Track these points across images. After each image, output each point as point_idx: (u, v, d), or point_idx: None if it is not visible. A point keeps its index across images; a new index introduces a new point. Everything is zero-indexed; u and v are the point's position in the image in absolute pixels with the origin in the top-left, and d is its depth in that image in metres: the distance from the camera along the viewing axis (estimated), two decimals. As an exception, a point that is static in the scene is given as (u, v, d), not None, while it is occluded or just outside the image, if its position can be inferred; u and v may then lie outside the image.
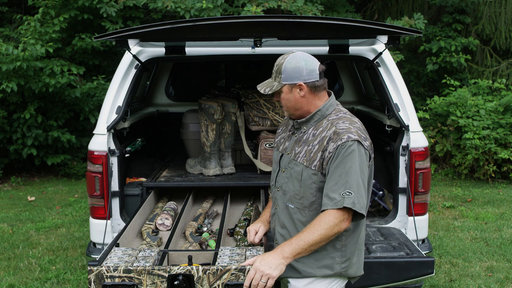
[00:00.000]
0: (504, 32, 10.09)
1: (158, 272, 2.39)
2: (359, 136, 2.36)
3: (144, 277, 2.39)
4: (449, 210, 6.84)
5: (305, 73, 2.45)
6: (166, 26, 3.11)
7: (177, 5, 7.75)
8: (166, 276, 2.38)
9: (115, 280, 2.38)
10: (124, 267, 2.39)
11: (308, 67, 2.46)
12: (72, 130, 9.11)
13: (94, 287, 2.40)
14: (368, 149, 2.38)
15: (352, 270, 2.48)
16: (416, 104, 9.21)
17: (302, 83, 2.45)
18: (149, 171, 4.37)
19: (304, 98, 2.47)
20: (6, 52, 7.72)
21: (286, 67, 2.46)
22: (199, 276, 2.37)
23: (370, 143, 2.42)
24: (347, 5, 9.64)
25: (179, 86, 5.93)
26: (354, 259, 2.48)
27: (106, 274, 2.39)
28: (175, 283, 2.37)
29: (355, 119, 2.49)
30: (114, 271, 2.39)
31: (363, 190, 2.32)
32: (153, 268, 2.39)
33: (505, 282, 4.60)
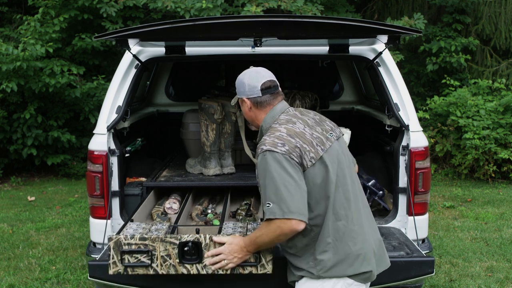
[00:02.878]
0: (504, 32, 10.09)
1: (170, 240, 2.72)
2: (271, 144, 2.45)
3: (157, 244, 2.72)
4: (449, 210, 6.84)
5: (247, 88, 2.66)
6: (166, 25, 3.11)
7: (177, 5, 7.74)
8: (177, 243, 2.72)
9: (132, 247, 2.73)
10: (139, 235, 2.74)
11: (250, 83, 2.66)
12: (72, 130, 9.11)
13: (113, 253, 2.74)
14: (285, 153, 2.42)
15: (336, 271, 2.48)
16: (416, 104, 9.21)
17: (245, 98, 2.68)
18: (149, 171, 4.37)
19: (251, 111, 2.69)
20: (6, 52, 7.72)
21: (236, 82, 2.72)
22: (206, 243, 2.71)
23: (290, 148, 2.44)
24: (347, 5, 9.64)
25: (179, 86, 5.93)
26: (330, 260, 2.48)
27: (124, 242, 2.72)
28: (185, 249, 2.71)
29: (282, 127, 2.54)
30: (131, 239, 2.72)
31: (286, 194, 2.37)
32: (166, 236, 2.73)
33: (505, 282, 4.60)
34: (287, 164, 2.42)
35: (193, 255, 2.73)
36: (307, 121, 2.62)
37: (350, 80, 5.73)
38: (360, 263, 2.51)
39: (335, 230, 2.50)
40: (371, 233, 2.62)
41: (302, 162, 2.46)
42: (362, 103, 5.52)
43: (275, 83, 2.70)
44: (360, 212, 2.59)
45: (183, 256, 2.73)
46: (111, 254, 2.74)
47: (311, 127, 2.58)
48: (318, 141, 2.53)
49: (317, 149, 2.50)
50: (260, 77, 2.66)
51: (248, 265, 2.73)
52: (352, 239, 2.51)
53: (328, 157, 2.52)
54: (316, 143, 2.52)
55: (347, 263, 2.49)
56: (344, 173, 2.57)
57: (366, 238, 2.56)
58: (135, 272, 2.78)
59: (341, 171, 2.55)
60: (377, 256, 2.61)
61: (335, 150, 2.58)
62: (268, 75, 2.70)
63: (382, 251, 2.68)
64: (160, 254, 2.76)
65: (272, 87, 2.67)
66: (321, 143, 2.54)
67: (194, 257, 2.74)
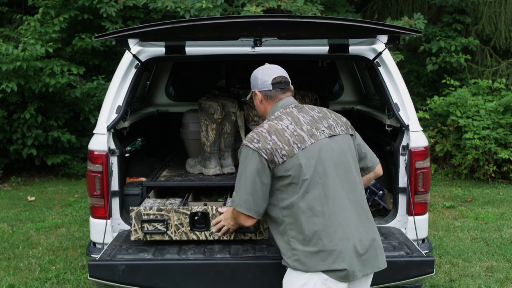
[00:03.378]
0: (504, 32, 10.09)
1: (182, 211, 3.23)
2: (249, 139, 2.67)
3: (172, 214, 3.22)
4: (449, 210, 6.84)
5: (259, 82, 2.85)
6: (166, 25, 3.11)
7: (177, 5, 7.74)
8: (189, 213, 3.22)
9: (150, 216, 3.21)
10: (157, 207, 3.25)
11: (262, 77, 2.85)
12: (72, 130, 9.11)
13: (134, 222, 3.22)
14: (256, 150, 2.60)
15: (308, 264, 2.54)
16: (416, 104, 9.21)
17: (257, 91, 2.87)
18: (149, 171, 4.37)
19: (262, 104, 2.88)
20: (6, 52, 7.72)
21: (251, 76, 2.92)
22: (213, 214, 3.21)
23: (262, 144, 2.61)
24: (347, 5, 9.64)
25: (179, 86, 5.92)
26: (303, 253, 2.55)
27: (144, 212, 3.22)
28: (195, 218, 3.21)
29: (267, 123, 2.71)
30: (150, 210, 3.22)
31: (243, 188, 2.64)
32: (179, 207, 3.25)
33: (505, 282, 4.60)
34: (255, 160, 2.61)
35: (202, 223, 3.23)
36: (300, 118, 2.71)
37: (350, 80, 5.73)
38: (333, 260, 2.53)
39: (310, 225, 2.56)
40: (358, 233, 2.61)
41: (273, 159, 2.60)
42: (362, 103, 5.53)
43: (286, 79, 2.86)
44: (343, 210, 2.60)
45: (194, 225, 3.22)
46: (133, 223, 3.21)
47: (297, 124, 2.68)
48: (297, 139, 2.62)
49: (292, 147, 2.60)
50: (272, 72, 2.85)
51: (248, 232, 3.21)
52: (327, 236, 2.55)
53: (304, 154, 2.60)
54: (293, 141, 2.61)
55: (319, 258, 2.54)
56: (327, 171, 2.61)
57: (346, 236, 2.57)
58: (153, 238, 3.24)
59: (323, 168, 2.61)
60: (364, 257, 2.60)
61: (317, 148, 2.63)
62: (280, 71, 2.87)
63: (374, 252, 2.65)
64: (174, 223, 3.24)
65: (282, 83, 2.83)
66: (300, 141, 2.62)
67: (203, 226, 3.23)
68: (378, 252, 2.68)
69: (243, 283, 3.02)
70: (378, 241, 2.70)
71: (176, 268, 3.05)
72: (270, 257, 3.08)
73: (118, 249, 3.25)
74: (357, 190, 2.71)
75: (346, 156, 2.72)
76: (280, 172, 2.61)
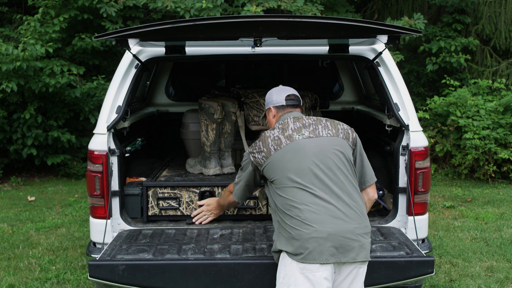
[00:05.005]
0: (504, 32, 10.09)
1: (192, 189, 3.79)
2: (249, 147, 3.15)
3: (183, 193, 3.78)
4: (449, 210, 6.84)
5: (274, 98, 3.24)
6: (166, 25, 3.11)
7: (177, 5, 7.74)
8: (198, 191, 3.79)
9: (165, 195, 3.77)
10: (170, 186, 3.78)
11: (277, 94, 3.24)
12: (72, 130, 9.11)
13: (151, 199, 3.77)
14: (251, 157, 3.08)
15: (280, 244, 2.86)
16: (416, 104, 9.21)
17: (271, 107, 3.24)
18: (149, 171, 4.37)
19: (274, 118, 3.24)
20: (6, 52, 7.72)
21: (266, 96, 3.33)
22: (219, 192, 3.78)
23: (252, 148, 3.08)
24: (347, 5, 9.64)
25: (179, 86, 5.92)
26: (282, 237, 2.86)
27: (159, 191, 3.77)
28: (203, 196, 3.79)
29: (263, 136, 3.06)
30: (164, 189, 3.78)
31: (241, 186, 3.25)
32: (189, 186, 3.79)
33: (505, 282, 4.60)
34: (246, 161, 3.15)
35: None
36: (289, 126, 3.03)
37: (350, 80, 5.73)
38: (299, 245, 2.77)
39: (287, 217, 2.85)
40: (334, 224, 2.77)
41: (258, 161, 3.04)
42: (362, 103, 5.52)
43: (298, 97, 3.23)
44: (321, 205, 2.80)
45: None
46: (150, 200, 3.76)
47: (282, 131, 3.02)
48: (275, 143, 2.98)
49: (270, 149, 2.98)
50: (286, 91, 3.24)
51: (249, 207, 3.78)
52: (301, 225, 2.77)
53: (278, 154, 2.94)
54: (272, 145, 2.98)
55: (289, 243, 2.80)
56: (301, 167, 2.87)
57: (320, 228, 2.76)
58: (167, 213, 3.78)
59: (297, 165, 2.88)
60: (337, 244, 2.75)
61: (291, 148, 2.93)
62: (292, 90, 3.26)
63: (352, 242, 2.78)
64: (185, 200, 3.78)
65: (294, 99, 3.21)
66: (277, 144, 2.97)
67: None
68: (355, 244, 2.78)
69: (243, 283, 3.03)
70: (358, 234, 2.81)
71: (176, 268, 3.05)
72: (270, 257, 3.08)
73: (118, 249, 3.25)
74: (340, 186, 2.86)
75: (327, 154, 2.92)
76: (267, 175, 3.00)
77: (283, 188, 2.88)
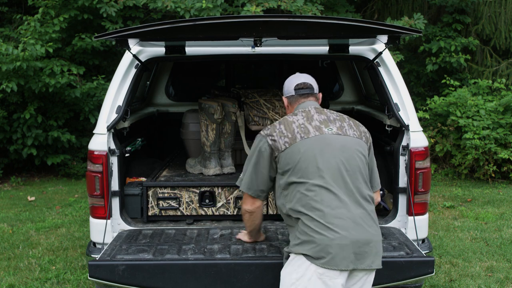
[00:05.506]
0: (504, 32, 10.09)
1: (192, 190, 3.78)
2: (263, 130, 2.95)
3: (183, 193, 3.77)
4: (449, 210, 6.84)
5: (285, 89, 3.13)
6: (166, 25, 3.11)
7: (177, 5, 7.74)
8: (198, 192, 3.79)
9: (165, 195, 3.77)
10: (170, 186, 3.78)
11: (288, 84, 3.12)
12: (72, 130, 9.10)
13: (151, 199, 3.76)
14: (264, 136, 2.89)
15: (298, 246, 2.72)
16: (416, 104, 9.20)
17: (284, 97, 3.15)
18: (149, 171, 4.37)
19: (288, 109, 3.13)
20: (6, 52, 7.72)
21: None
22: (219, 192, 3.79)
23: (270, 131, 2.88)
24: (347, 5, 9.63)
25: (179, 86, 5.93)
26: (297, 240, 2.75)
27: (159, 191, 3.77)
28: (203, 196, 3.78)
29: (285, 120, 2.91)
30: (164, 189, 3.77)
31: (248, 173, 2.95)
32: (189, 186, 3.78)
33: (505, 282, 4.60)
34: (261, 144, 2.89)
35: (209, 201, 3.78)
36: (314, 116, 2.90)
37: (350, 80, 5.73)
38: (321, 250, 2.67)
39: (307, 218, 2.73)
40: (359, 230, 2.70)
41: (276, 145, 2.84)
42: (362, 103, 5.52)
43: (308, 85, 3.07)
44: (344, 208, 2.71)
45: (202, 202, 3.77)
46: (150, 200, 3.75)
47: (308, 120, 2.88)
48: (302, 130, 2.83)
49: (295, 136, 2.82)
50: (296, 80, 3.10)
51: None
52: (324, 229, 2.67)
53: (305, 143, 2.79)
54: (298, 131, 2.83)
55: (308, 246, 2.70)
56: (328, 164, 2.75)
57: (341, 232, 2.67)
58: (167, 213, 3.77)
59: (323, 161, 2.76)
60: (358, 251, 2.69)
61: (319, 140, 2.80)
62: (305, 78, 3.10)
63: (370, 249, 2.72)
64: (185, 200, 3.78)
65: (303, 88, 3.05)
66: (304, 132, 2.83)
67: (210, 203, 3.78)
68: (372, 251, 2.73)
69: (243, 283, 3.03)
70: (375, 241, 2.75)
71: (176, 268, 3.05)
72: (270, 257, 3.09)
73: (118, 249, 3.25)
74: (362, 191, 2.78)
75: (352, 155, 2.83)
76: (282, 163, 2.82)
77: (305, 184, 2.73)
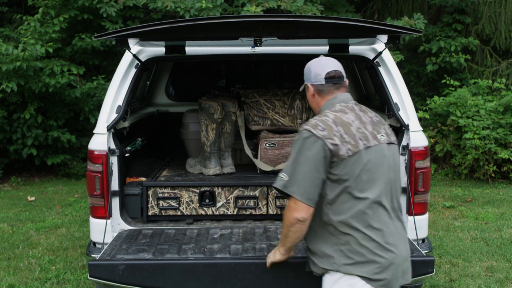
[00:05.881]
0: (504, 32, 10.09)
1: (192, 189, 3.77)
2: (313, 125, 2.50)
3: (183, 193, 3.76)
4: (449, 210, 6.84)
5: (312, 75, 2.71)
6: (166, 25, 3.11)
7: (177, 5, 7.74)
8: (198, 191, 3.77)
9: (165, 194, 3.76)
10: (170, 186, 3.77)
11: (316, 70, 2.70)
12: (72, 130, 9.10)
13: (151, 199, 3.74)
14: (321, 138, 2.45)
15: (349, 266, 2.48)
16: (416, 104, 9.20)
17: (309, 84, 2.73)
18: (149, 171, 4.37)
19: (313, 98, 2.74)
20: (6, 52, 7.72)
21: (305, 68, 2.76)
22: (219, 192, 3.78)
23: (329, 133, 2.46)
24: (347, 5, 9.64)
25: (179, 86, 5.93)
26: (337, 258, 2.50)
27: (159, 191, 3.76)
28: (203, 196, 3.77)
29: (331, 113, 2.57)
30: (164, 189, 3.76)
31: (301, 178, 2.45)
32: (189, 186, 3.77)
33: (505, 282, 4.60)
34: (318, 148, 2.45)
35: (209, 201, 3.77)
36: (362, 117, 2.61)
37: (350, 80, 5.71)
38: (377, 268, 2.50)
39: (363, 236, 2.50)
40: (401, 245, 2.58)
41: (337, 152, 2.45)
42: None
43: (340, 74, 2.70)
44: (393, 225, 2.56)
45: (202, 202, 3.77)
46: (150, 200, 3.74)
47: (362, 122, 2.56)
48: (362, 136, 2.51)
49: (357, 143, 2.48)
50: (326, 66, 2.69)
51: (249, 207, 3.79)
52: (382, 250, 2.50)
53: (367, 154, 2.49)
54: (359, 137, 2.50)
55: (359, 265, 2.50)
56: (382, 177, 2.53)
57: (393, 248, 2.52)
58: (167, 213, 3.76)
59: (380, 174, 2.52)
60: (404, 267, 2.58)
61: (377, 151, 2.53)
62: (334, 65, 2.71)
63: (408, 265, 2.64)
64: (185, 200, 3.76)
65: (336, 77, 2.68)
66: (365, 138, 2.51)
67: (210, 203, 3.78)
68: (409, 265, 2.66)
69: (243, 283, 3.02)
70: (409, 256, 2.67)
71: (176, 268, 3.05)
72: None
73: (118, 249, 3.25)
74: (400, 204, 2.67)
75: (397, 166, 2.66)
76: (338, 171, 2.46)
77: (364, 200, 2.47)
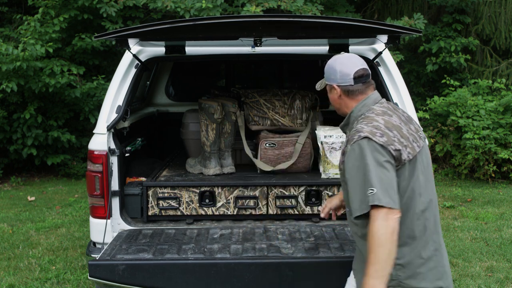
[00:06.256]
0: (504, 32, 10.09)
1: (192, 189, 3.76)
2: (370, 133, 2.32)
3: (183, 192, 3.75)
4: (449, 210, 6.84)
5: (338, 76, 2.53)
6: (166, 25, 3.11)
7: (177, 5, 7.75)
8: (198, 191, 3.76)
9: (165, 194, 3.74)
10: (170, 186, 3.76)
11: (342, 70, 2.53)
12: (72, 130, 9.11)
13: (151, 199, 3.73)
14: (383, 144, 2.30)
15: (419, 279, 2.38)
16: (416, 104, 9.20)
17: (335, 85, 2.55)
18: (149, 171, 4.37)
19: (340, 99, 2.57)
20: (6, 52, 7.72)
21: (326, 67, 2.60)
22: (219, 192, 3.78)
23: (388, 139, 2.32)
24: (347, 5, 9.64)
25: (179, 86, 5.93)
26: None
27: (159, 191, 3.75)
28: (203, 196, 3.76)
29: (379, 117, 2.41)
30: (164, 189, 3.75)
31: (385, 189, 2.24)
32: (189, 186, 3.76)
33: (505, 282, 4.60)
34: (384, 155, 2.30)
35: (209, 201, 3.76)
36: (400, 116, 2.50)
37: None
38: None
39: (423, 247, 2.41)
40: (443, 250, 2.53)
41: (400, 157, 2.33)
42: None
43: (368, 72, 2.56)
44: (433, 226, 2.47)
45: (202, 202, 3.76)
46: (150, 200, 3.73)
47: (405, 123, 2.47)
48: (414, 138, 2.42)
49: (413, 145, 2.38)
50: (353, 65, 2.53)
51: (249, 207, 3.76)
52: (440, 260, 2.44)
53: (419, 156, 2.41)
54: (412, 139, 2.40)
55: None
56: (425, 182, 2.44)
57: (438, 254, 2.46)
58: (167, 213, 3.75)
59: (424, 178, 2.42)
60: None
61: (423, 153, 2.46)
62: (361, 62, 2.55)
63: None
64: (185, 200, 3.75)
65: (364, 76, 2.52)
66: (416, 140, 2.42)
67: (210, 203, 3.77)
68: None
69: (243, 283, 3.02)
70: None
71: (176, 268, 3.05)
72: (270, 256, 3.08)
73: (118, 249, 3.25)
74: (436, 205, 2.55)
75: (429, 166, 2.54)
76: (406, 172, 2.36)
77: (421, 206, 2.39)
